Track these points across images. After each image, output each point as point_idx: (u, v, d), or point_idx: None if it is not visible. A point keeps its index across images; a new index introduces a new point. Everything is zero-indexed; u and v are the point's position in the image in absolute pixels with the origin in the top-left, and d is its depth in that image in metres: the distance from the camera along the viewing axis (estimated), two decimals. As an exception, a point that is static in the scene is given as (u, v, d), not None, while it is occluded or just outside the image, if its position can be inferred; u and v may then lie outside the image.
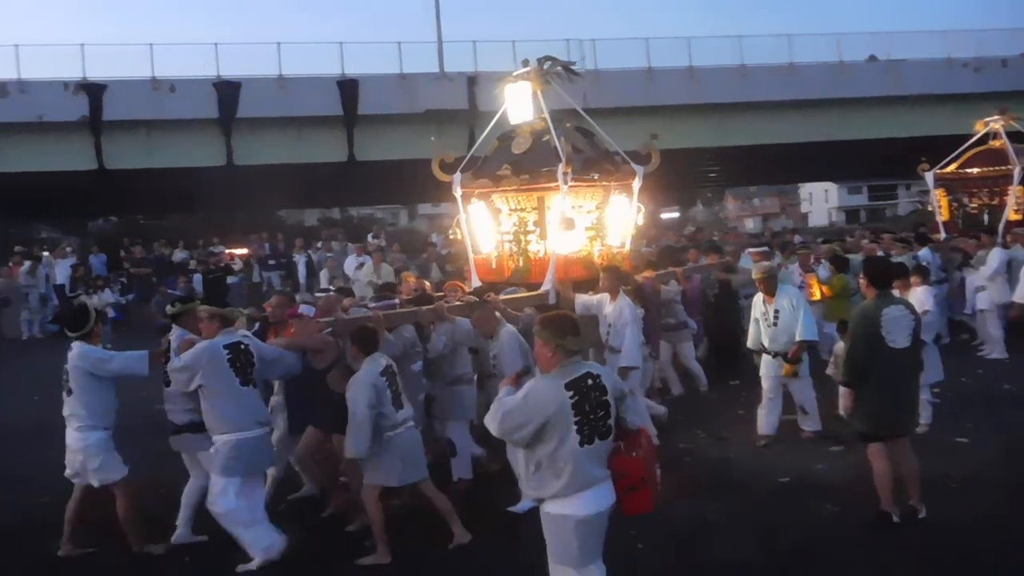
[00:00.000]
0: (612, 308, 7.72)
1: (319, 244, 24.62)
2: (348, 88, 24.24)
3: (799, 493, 6.68)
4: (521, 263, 8.45)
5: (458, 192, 8.72)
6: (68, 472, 6.17)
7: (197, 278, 19.92)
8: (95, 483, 6.05)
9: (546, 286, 8.02)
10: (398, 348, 6.68)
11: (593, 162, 8.45)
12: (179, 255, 24.13)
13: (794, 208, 76.16)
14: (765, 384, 8.07)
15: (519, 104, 8.64)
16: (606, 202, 8.62)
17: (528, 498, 4.09)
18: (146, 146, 23.62)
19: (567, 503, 3.93)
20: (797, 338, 7.79)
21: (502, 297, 7.60)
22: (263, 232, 26.85)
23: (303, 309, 6.88)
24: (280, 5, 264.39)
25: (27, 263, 19.61)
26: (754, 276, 8.29)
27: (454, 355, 7.15)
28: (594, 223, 8.57)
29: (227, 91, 23.69)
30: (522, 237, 8.46)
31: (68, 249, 22.66)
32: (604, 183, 8.51)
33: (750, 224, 67.31)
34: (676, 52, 27.06)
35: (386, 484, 5.80)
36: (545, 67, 8.66)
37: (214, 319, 6.02)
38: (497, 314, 7.12)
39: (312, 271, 21.24)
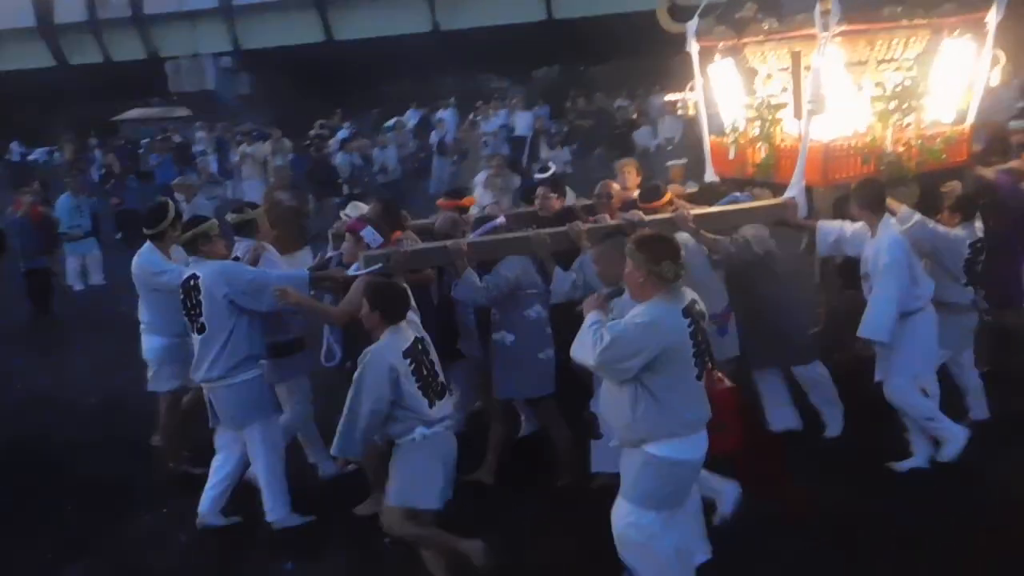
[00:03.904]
0: (870, 246, 4.99)
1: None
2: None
3: None
4: (765, 153, 5.91)
5: (693, 47, 6.31)
6: None
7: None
8: (148, 387, 5.71)
9: (791, 191, 5.56)
10: (484, 294, 4.93)
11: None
12: (620, 102, 23.45)
13: None
14: None
15: None
16: (932, 52, 5.75)
17: (634, 444, 3.60)
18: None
19: (681, 445, 3.59)
20: None
21: (716, 208, 5.46)
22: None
23: (366, 235, 4.92)
24: None
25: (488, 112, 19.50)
26: None
27: None
28: (897, 88, 5.62)
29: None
30: (767, 114, 5.85)
31: (514, 101, 22.94)
32: (922, 21, 5.56)
33: None
34: None
35: (421, 505, 4.17)
36: None
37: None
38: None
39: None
